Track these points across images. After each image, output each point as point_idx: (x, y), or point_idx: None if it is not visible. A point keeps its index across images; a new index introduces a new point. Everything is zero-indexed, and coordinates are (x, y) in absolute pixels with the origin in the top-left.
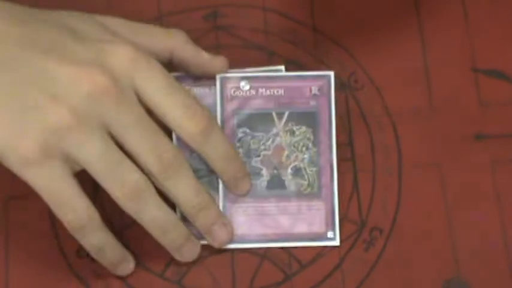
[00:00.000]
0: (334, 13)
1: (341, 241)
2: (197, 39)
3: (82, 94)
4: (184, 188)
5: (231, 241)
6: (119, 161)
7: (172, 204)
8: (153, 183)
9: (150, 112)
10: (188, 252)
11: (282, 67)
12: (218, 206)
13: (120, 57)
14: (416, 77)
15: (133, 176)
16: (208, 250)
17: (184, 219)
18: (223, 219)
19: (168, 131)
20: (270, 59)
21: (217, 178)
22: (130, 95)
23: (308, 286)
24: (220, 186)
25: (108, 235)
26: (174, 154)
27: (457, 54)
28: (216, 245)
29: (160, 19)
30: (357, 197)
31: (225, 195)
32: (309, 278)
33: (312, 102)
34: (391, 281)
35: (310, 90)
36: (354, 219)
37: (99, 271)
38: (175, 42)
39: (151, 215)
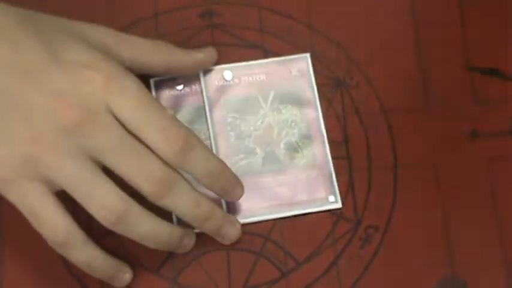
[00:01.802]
0: (329, 11)
1: (342, 204)
2: (193, 37)
3: (58, 128)
4: (182, 203)
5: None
6: (95, 184)
7: None
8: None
9: None
10: (186, 246)
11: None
12: (221, 208)
13: (95, 83)
14: (411, 75)
15: (111, 200)
16: (204, 248)
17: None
18: (230, 219)
19: None
20: (266, 58)
21: None
22: (108, 119)
23: (304, 284)
24: None
25: (94, 250)
26: (163, 172)
27: (452, 52)
28: (226, 243)
29: (156, 17)
30: (352, 195)
31: None
32: (304, 275)
33: (294, 82)
34: (387, 278)
35: (290, 72)
36: (350, 217)
37: None
38: (169, 56)
39: (139, 232)
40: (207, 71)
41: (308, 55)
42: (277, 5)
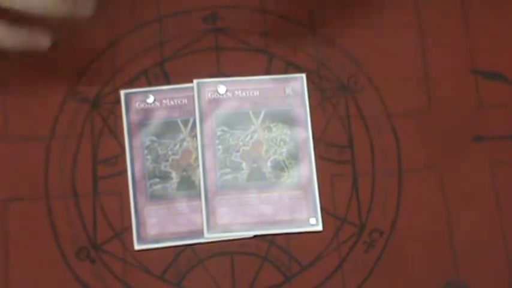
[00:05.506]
0: (333, 15)
1: (323, 227)
2: (197, 41)
3: None
4: None
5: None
6: None
7: None
8: None
9: None
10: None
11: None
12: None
13: None
14: (415, 79)
15: None
16: (209, 252)
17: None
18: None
19: None
20: (270, 62)
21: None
22: None
23: None
24: (201, 179)
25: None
26: None
27: (456, 56)
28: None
29: (160, 20)
30: (357, 199)
31: (206, 187)
32: (309, 279)
33: (287, 101)
34: (391, 282)
35: (284, 91)
36: (354, 221)
37: (99, 273)
38: None
39: None
40: (201, 83)
41: (304, 75)
42: (281, 9)
